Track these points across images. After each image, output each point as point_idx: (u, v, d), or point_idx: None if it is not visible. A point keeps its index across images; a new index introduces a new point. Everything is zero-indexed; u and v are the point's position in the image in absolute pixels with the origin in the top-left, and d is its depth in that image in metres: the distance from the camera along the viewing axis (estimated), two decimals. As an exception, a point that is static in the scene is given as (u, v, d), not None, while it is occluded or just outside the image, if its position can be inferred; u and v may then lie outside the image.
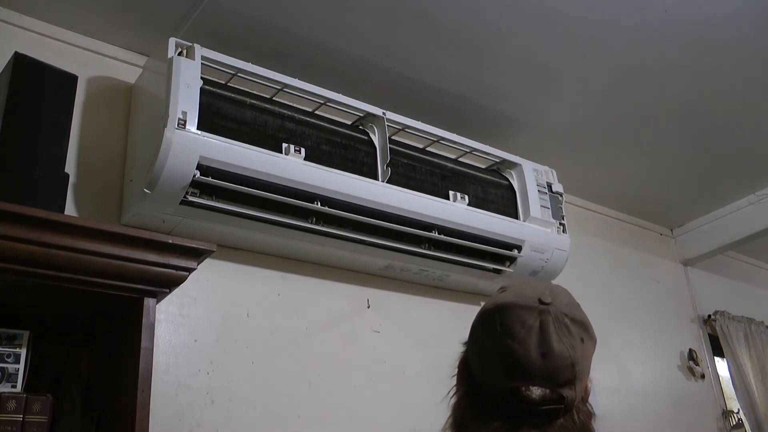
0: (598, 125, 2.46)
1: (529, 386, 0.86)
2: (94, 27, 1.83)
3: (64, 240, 1.19)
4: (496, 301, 0.93)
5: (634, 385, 2.71)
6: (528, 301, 0.90)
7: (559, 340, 0.87)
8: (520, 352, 0.86)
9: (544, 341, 0.87)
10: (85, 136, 1.75)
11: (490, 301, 0.94)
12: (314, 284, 1.99)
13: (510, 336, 0.88)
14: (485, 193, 2.15)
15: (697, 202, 3.10)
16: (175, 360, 1.68)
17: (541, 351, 0.86)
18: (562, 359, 0.87)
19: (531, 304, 0.90)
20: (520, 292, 0.93)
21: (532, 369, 0.86)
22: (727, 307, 3.21)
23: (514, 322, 0.88)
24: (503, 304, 0.91)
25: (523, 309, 0.90)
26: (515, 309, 0.90)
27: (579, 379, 0.89)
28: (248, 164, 1.65)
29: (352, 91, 1.96)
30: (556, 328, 0.88)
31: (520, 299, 0.91)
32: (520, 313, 0.89)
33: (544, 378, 0.86)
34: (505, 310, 0.90)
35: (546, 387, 0.87)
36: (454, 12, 1.87)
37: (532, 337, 0.87)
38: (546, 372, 0.86)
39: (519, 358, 0.86)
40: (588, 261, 2.77)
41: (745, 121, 2.48)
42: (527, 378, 0.86)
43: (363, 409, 1.94)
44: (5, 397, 1.21)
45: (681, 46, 2.06)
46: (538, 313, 0.89)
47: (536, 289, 0.93)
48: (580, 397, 0.90)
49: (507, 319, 0.89)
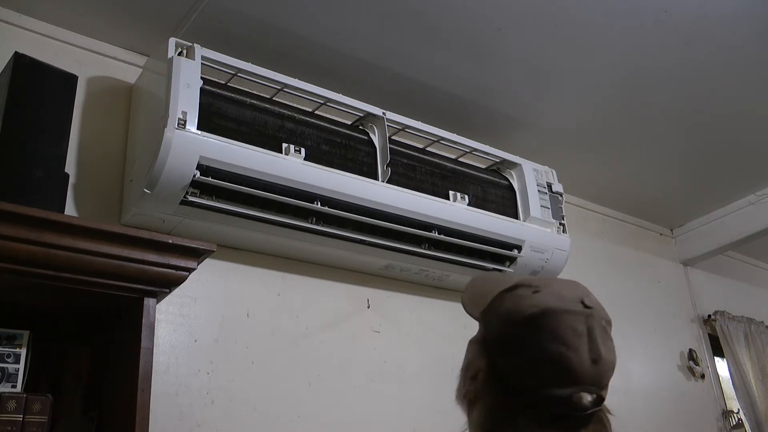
0: (598, 125, 2.46)
1: (581, 392, 0.86)
2: (94, 27, 1.83)
3: (64, 240, 1.19)
4: (538, 305, 0.89)
5: (634, 385, 2.71)
6: (572, 305, 0.89)
7: (604, 344, 0.88)
8: (575, 359, 0.86)
9: (593, 347, 0.87)
10: (85, 136, 1.75)
11: (527, 304, 0.90)
12: (314, 284, 1.99)
13: (563, 343, 0.86)
14: (485, 193, 2.15)
15: (697, 202, 3.10)
16: (175, 360, 1.68)
17: (591, 357, 0.86)
18: (609, 363, 0.88)
19: (577, 308, 0.89)
20: (558, 294, 0.91)
21: (584, 376, 0.86)
22: (727, 307, 3.21)
23: (566, 329, 0.87)
24: (548, 308, 0.88)
25: (570, 314, 0.88)
26: (563, 314, 0.88)
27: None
28: (248, 164, 1.65)
29: (352, 91, 1.96)
30: (600, 332, 0.88)
31: (564, 303, 0.89)
32: (568, 318, 0.88)
33: (593, 383, 0.87)
34: (553, 315, 0.88)
35: (593, 392, 0.87)
36: (454, 12, 1.87)
37: (583, 344, 0.86)
38: (595, 377, 0.87)
39: (573, 365, 0.85)
40: (588, 261, 2.77)
41: (745, 121, 2.48)
42: (579, 384, 0.86)
43: (363, 409, 1.94)
44: (5, 397, 1.21)
45: (681, 46, 2.06)
46: (584, 318, 0.88)
47: (570, 288, 0.92)
48: None
49: (556, 324, 0.87)
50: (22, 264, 1.17)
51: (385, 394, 2.00)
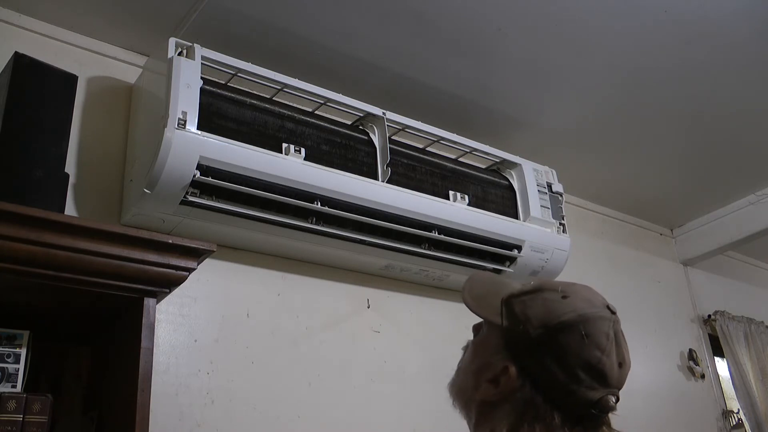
0: (598, 125, 2.46)
1: (609, 395, 0.91)
2: (94, 27, 1.83)
3: (64, 240, 1.19)
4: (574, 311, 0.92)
5: (634, 385, 2.70)
6: (602, 311, 0.93)
7: (625, 349, 0.94)
8: (608, 364, 0.90)
9: (620, 351, 0.92)
10: (85, 136, 1.75)
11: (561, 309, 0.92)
12: (314, 284, 1.99)
13: (599, 348, 0.90)
14: (485, 193, 2.15)
15: (697, 202, 3.10)
16: (175, 360, 1.68)
17: (618, 361, 0.92)
18: (629, 366, 0.94)
19: (606, 314, 0.93)
20: (587, 299, 0.94)
21: (614, 379, 0.91)
22: (727, 307, 3.21)
23: (600, 334, 0.91)
24: (584, 314, 0.91)
25: (602, 320, 0.92)
26: (597, 320, 0.92)
27: None
28: (248, 164, 1.65)
29: (352, 91, 1.96)
30: (622, 337, 0.94)
31: (595, 309, 0.93)
32: (601, 324, 0.92)
33: (618, 386, 0.93)
34: (588, 321, 0.91)
35: (616, 394, 0.93)
36: (454, 12, 1.87)
37: (612, 348, 0.91)
38: (620, 380, 0.93)
39: (607, 370, 0.90)
40: (588, 261, 2.77)
41: (745, 121, 2.48)
42: (609, 387, 0.91)
43: (363, 409, 1.94)
44: (5, 397, 1.21)
45: (681, 46, 2.06)
46: (612, 323, 0.93)
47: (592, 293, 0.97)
48: None
49: (592, 330, 0.91)
50: (22, 264, 1.17)
51: (385, 394, 2.00)
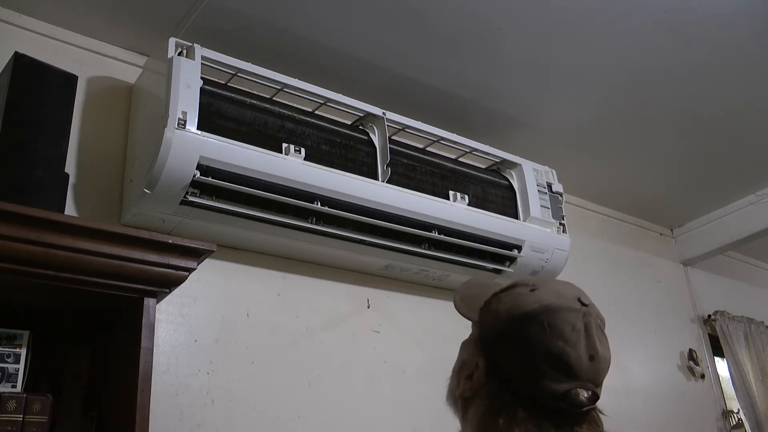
0: (598, 125, 2.46)
1: (579, 389, 0.87)
2: (94, 27, 1.83)
3: (64, 240, 1.19)
4: (537, 302, 0.90)
5: (634, 385, 2.70)
6: (570, 302, 0.90)
7: (600, 341, 0.89)
8: (573, 355, 0.87)
9: (590, 344, 0.88)
10: (85, 136, 1.75)
11: (526, 301, 0.91)
12: (314, 284, 1.99)
13: (561, 338, 0.87)
14: (485, 193, 2.15)
15: (697, 202, 3.10)
16: (175, 360, 1.68)
17: (589, 354, 0.88)
18: (605, 361, 0.90)
19: (575, 306, 0.90)
20: (556, 291, 0.92)
21: (582, 372, 0.87)
22: (727, 307, 3.21)
23: (564, 325, 0.88)
24: (548, 305, 0.89)
25: (568, 311, 0.89)
26: (562, 311, 0.89)
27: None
28: (248, 164, 1.65)
29: (352, 91, 1.96)
30: (596, 330, 0.90)
31: (562, 300, 0.91)
32: (567, 315, 0.89)
33: (590, 380, 0.88)
34: (551, 312, 0.89)
35: (590, 389, 0.88)
36: (454, 12, 1.87)
37: (581, 340, 0.88)
38: (592, 374, 0.88)
39: (572, 361, 0.87)
40: (588, 261, 2.77)
41: (745, 121, 2.48)
42: (577, 380, 0.87)
43: (363, 409, 1.94)
44: (5, 397, 1.21)
45: (681, 46, 2.06)
46: (582, 315, 0.89)
47: (566, 287, 0.94)
48: None
49: (555, 321, 0.88)
50: (22, 264, 1.17)
51: (385, 394, 2.00)
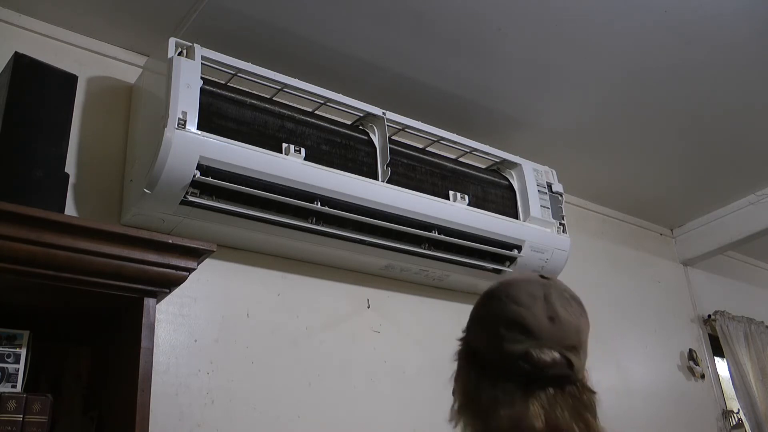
0: (598, 125, 2.46)
1: (540, 348, 0.88)
2: (94, 27, 1.83)
3: (64, 240, 1.19)
4: (499, 281, 0.98)
5: (634, 385, 2.70)
6: (531, 276, 0.97)
7: (563, 307, 0.92)
8: (529, 316, 0.90)
9: (549, 307, 0.91)
10: (85, 136, 1.75)
11: (492, 284, 0.99)
12: (314, 284, 1.99)
13: (516, 303, 0.91)
14: (485, 193, 2.15)
15: (697, 202, 3.10)
16: (175, 360, 1.68)
17: (548, 315, 0.90)
18: (569, 324, 0.91)
19: (535, 278, 0.96)
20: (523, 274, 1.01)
21: (541, 332, 0.89)
22: (727, 307, 3.21)
23: (520, 292, 0.93)
24: (506, 281, 0.97)
25: (527, 282, 0.95)
26: (520, 282, 0.95)
27: (583, 349, 0.92)
28: (248, 164, 1.65)
29: (352, 91, 1.96)
30: (559, 298, 0.92)
31: (524, 276, 0.98)
32: (525, 285, 0.94)
33: (553, 341, 0.89)
34: (510, 284, 0.95)
35: (555, 350, 0.89)
36: (454, 12, 1.87)
37: (538, 304, 0.91)
38: (554, 335, 0.89)
39: (528, 322, 0.89)
40: (588, 261, 2.77)
41: (745, 121, 2.48)
42: (537, 340, 0.88)
43: (363, 409, 1.94)
44: (5, 397, 1.21)
45: (681, 46, 2.06)
46: (541, 285, 0.94)
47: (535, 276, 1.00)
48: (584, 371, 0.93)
49: (512, 290, 0.93)
50: (22, 264, 1.17)
51: (385, 394, 2.00)
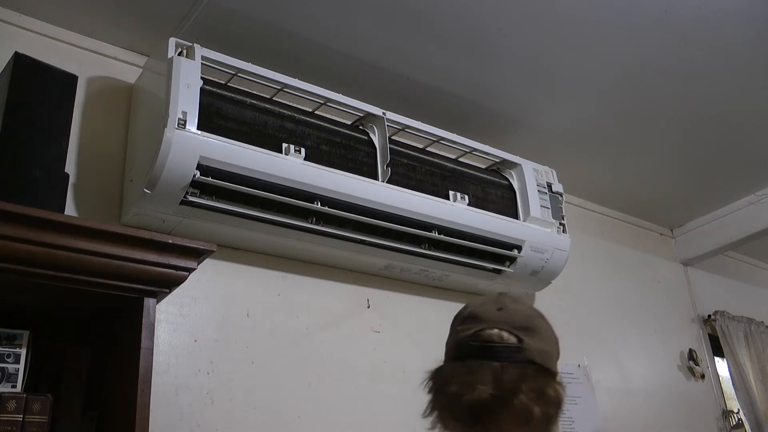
0: (598, 125, 2.46)
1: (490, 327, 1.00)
2: (94, 27, 1.83)
3: (64, 240, 1.19)
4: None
5: (634, 385, 2.70)
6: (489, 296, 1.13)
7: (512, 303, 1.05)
8: (480, 310, 1.04)
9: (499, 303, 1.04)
10: (85, 136, 1.75)
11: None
12: (314, 284, 1.99)
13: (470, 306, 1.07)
14: (485, 193, 2.15)
15: (697, 202, 3.10)
16: (175, 360, 1.68)
17: (497, 308, 1.03)
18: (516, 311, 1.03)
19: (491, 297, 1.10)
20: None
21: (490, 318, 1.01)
22: (727, 307, 3.21)
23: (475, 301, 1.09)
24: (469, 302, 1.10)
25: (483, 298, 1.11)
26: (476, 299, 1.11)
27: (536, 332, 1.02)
28: (248, 164, 1.65)
29: (352, 91, 1.96)
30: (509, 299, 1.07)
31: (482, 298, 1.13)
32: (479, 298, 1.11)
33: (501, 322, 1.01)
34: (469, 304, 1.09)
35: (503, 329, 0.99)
36: (454, 12, 1.87)
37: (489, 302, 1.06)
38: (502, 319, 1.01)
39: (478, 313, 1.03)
40: (588, 261, 2.77)
41: (745, 121, 2.48)
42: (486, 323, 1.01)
43: (363, 409, 1.94)
44: (5, 397, 1.21)
45: (681, 46, 2.06)
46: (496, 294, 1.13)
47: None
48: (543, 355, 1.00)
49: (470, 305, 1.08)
50: (22, 264, 1.17)
51: (385, 394, 1.99)
